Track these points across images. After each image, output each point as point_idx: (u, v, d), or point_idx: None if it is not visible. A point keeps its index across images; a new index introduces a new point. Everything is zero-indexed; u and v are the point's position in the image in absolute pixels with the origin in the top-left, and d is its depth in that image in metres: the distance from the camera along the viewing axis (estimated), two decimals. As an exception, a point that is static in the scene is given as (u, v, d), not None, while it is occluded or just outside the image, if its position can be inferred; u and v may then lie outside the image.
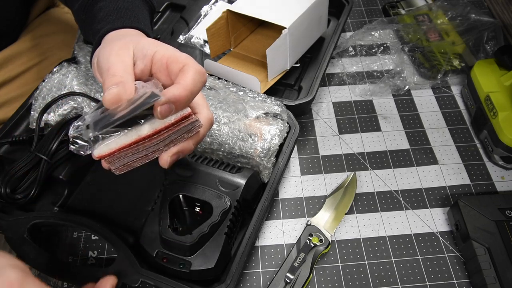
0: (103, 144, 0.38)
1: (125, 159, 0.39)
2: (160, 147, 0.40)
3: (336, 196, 0.57)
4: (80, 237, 0.55)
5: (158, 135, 0.39)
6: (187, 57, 0.40)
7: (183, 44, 0.72)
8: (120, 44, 0.42)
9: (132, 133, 0.39)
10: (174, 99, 0.37)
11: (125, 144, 0.38)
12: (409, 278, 0.51)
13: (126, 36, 0.46)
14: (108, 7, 0.50)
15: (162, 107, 0.37)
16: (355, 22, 0.81)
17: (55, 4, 0.87)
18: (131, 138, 0.38)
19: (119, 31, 0.47)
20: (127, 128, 0.39)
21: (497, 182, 0.59)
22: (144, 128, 0.39)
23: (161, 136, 0.39)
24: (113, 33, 0.47)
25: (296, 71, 0.67)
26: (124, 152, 0.39)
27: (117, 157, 0.39)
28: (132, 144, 0.38)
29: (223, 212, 0.46)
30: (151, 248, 0.45)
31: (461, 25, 0.74)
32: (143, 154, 0.40)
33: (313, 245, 0.52)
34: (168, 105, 0.37)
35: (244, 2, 0.63)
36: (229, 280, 0.44)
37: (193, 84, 0.38)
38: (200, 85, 0.40)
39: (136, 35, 0.47)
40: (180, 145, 0.41)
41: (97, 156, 0.38)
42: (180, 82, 0.38)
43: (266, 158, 0.52)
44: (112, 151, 0.38)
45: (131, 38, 0.44)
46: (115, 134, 0.38)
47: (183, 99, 0.38)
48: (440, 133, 0.64)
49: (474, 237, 0.50)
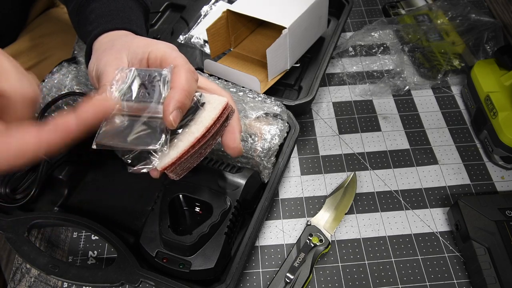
0: (162, 155, 0.39)
1: (185, 164, 0.40)
2: (210, 142, 0.41)
3: (336, 196, 0.57)
4: (80, 237, 0.55)
5: (209, 132, 0.40)
6: (175, 58, 0.41)
7: (183, 44, 0.72)
8: (114, 54, 0.43)
9: (186, 137, 0.39)
10: (179, 104, 0.38)
11: (185, 150, 0.39)
12: (409, 278, 0.51)
13: (117, 40, 0.46)
14: (100, 9, 0.50)
15: (173, 115, 0.38)
16: (355, 22, 0.81)
17: (55, 4, 0.87)
18: (187, 141, 0.39)
19: (110, 34, 0.47)
20: (177, 135, 0.40)
21: (497, 182, 0.59)
22: (194, 129, 0.40)
23: (212, 131, 0.40)
24: (104, 36, 0.47)
25: (296, 71, 0.67)
26: (185, 157, 0.39)
27: (179, 164, 0.39)
28: (190, 147, 0.39)
29: (223, 212, 0.46)
30: (151, 248, 0.45)
31: (461, 25, 0.74)
32: (198, 153, 0.41)
33: (313, 245, 0.52)
34: (176, 111, 0.38)
35: (244, 2, 0.63)
36: (229, 280, 0.44)
37: (188, 84, 0.39)
38: (194, 83, 0.40)
39: (126, 36, 0.47)
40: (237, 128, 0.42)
41: (162, 168, 0.39)
42: (175, 85, 0.39)
43: (266, 158, 0.52)
44: (175, 160, 0.39)
45: (123, 44, 0.44)
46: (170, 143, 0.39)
47: (184, 99, 0.39)
48: (440, 133, 0.64)
49: (474, 237, 0.50)
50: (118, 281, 0.44)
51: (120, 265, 0.45)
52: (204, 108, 0.41)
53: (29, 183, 0.50)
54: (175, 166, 0.39)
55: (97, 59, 0.44)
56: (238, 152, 0.43)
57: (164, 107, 0.38)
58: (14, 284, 0.52)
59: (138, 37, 0.46)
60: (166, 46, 0.42)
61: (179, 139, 0.39)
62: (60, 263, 0.45)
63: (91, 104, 0.35)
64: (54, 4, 0.86)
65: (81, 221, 0.49)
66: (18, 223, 0.48)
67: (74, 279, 0.44)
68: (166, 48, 0.42)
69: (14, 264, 0.54)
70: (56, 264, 0.45)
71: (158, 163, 0.39)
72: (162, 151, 0.39)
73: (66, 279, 0.44)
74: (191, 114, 0.40)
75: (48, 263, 0.45)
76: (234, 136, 0.42)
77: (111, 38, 0.47)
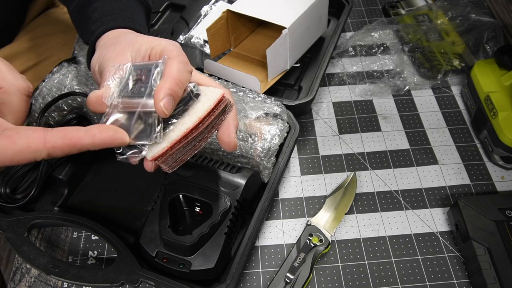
0: (153, 145, 0.39)
1: (178, 155, 0.40)
2: (204, 135, 0.40)
3: (336, 196, 0.57)
4: (80, 237, 0.55)
5: (202, 123, 0.39)
6: (171, 50, 0.41)
7: (183, 44, 0.72)
8: (118, 50, 0.43)
9: (178, 127, 0.39)
10: (170, 91, 0.38)
11: (176, 139, 0.38)
12: (409, 278, 0.51)
13: (121, 37, 0.46)
14: (103, 8, 0.50)
15: (163, 102, 0.37)
16: (355, 22, 0.81)
17: (54, 4, 0.87)
18: (179, 131, 0.39)
19: (113, 32, 0.48)
20: (170, 125, 0.39)
21: (497, 182, 0.59)
22: (188, 119, 0.39)
23: (206, 123, 0.40)
24: (107, 35, 0.47)
25: (296, 71, 0.67)
26: (177, 147, 0.39)
27: (170, 154, 0.39)
28: (182, 138, 0.39)
29: (223, 212, 0.46)
30: (151, 248, 0.45)
31: (461, 25, 0.74)
32: (192, 145, 0.40)
33: (313, 245, 0.52)
34: (167, 98, 0.38)
35: (244, 2, 0.63)
36: (229, 280, 0.44)
37: (178, 73, 0.39)
38: (186, 73, 0.40)
39: (131, 34, 0.47)
40: (232, 123, 0.42)
41: (152, 158, 0.38)
42: (166, 74, 0.39)
43: (266, 158, 0.52)
44: (166, 149, 0.38)
45: (127, 41, 0.44)
46: (162, 133, 0.39)
47: (175, 87, 0.38)
48: (440, 133, 0.64)
49: (474, 237, 0.50)
50: (118, 281, 0.44)
51: (120, 265, 0.45)
52: (199, 99, 0.41)
53: (29, 183, 0.50)
54: (166, 156, 0.39)
55: (101, 54, 0.44)
56: (233, 147, 0.42)
57: (155, 95, 0.38)
58: (14, 284, 0.52)
59: (141, 35, 0.46)
60: (168, 42, 0.43)
61: (171, 130, 0.39)
62: (60, 263, 0.45)
63: (105, 130, 0.37)
64: (53, 4, 0.86)
65: (81, 221, 0.49)
66: (18, 223, 0.48)
67: (74, 279, 0.44)
68: (166, 43, 0.42)
69: (14, 264, 0.54)
70: (56, 264, 0.45)
71: (148, 152, 0.38)
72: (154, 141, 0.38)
73: (66, 279, 0.44)
74: (184, 104, 0.40)
75: (48, 263, 0.45)
76: (229, 130, 0.42)
77: (116, 35, 0.47)
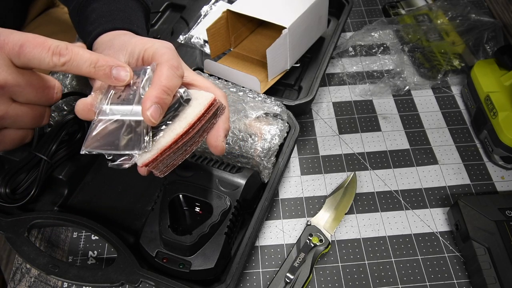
0: (144, 151, 0.38)
1: (168, 160, 0.40)
2: (195, 139, 0.40)
3: (336, 196, 0.57)
4: (80, 237, 0.55)
5: (192, 128, 0.39)
6: (162, 54, 0.41)
7: (183, 44, 0.72)
8: (112, 54, 0.43)
9: (168, 133, 0.39)
10: (157, 99, 0.38)
11: (166, 146, 0.38)
12: (409, 278, 0.51)
13: (116, 39, 0.46)
14: (101, 9, 0.50)
15: (151, 111, 0.37)
16: (355, 22, 0.81)
17: (54, 4, 0.87)
18: (169, 138, 0.39)
19: (108, 34, 0.48)
20: (160, 131, 0.39)
21: (497, 182, 0.59)
22: (177, 125, 0.39)
23: (196, 128, 0.40)
24: (104, 36, 0.48)
25: (296, 71, 0.67)
26: (167, 153, 0.39)
27: (160, 160, 0.39)
28: (172, 144, 0.39)
29: (223, 212, 0.46)
30: (151, 248, 0.45)
31: (461, 25, 0.74)
32: (183, 150, 0.40)
33: (313, 245, 0.52)
34: (154, 106, 0.37)
35: (244, 2, 0.63)
36: (229, 280, 0.44)
37: (167, 80, 0.39)
38: (176, 79, 0.40)
39: (125, 35, 0.47)
40: (222, 126, 0.42)
41: (142, 164, 0.38)
42: (154, 82, 0.39)
43: (266, 158, 0.52)
44: (155, 156, 0.38)
45: (121, 43, 0.44)
46: (152, 139, 0.39)
47: (162, 95, 0.38)
48: (440, 133, 0.64)
49: (474, 237, 0.50)
50: (118, 281, 0.44)
51: (120, 265, 0.45)
52: (190, 104, 0.40)
53: (29, 183, 0.50)
54: (157, 162, 0.39)
55: None
56: (220, 150, 0.42)
57: (142, 103, 0.38)
58: (14, 284, 0.52)
59: (136, 36, 0.46)
60: (161, 44, 0.42)
61: (161, 136, 0.39)
62: (60, 263, 0.45)
63: None
64: (54, 4, 0.86)
65: (81, 221, 0.49)
66: (18, 223, 0.48)
67: (74, 279, 0.44)
68: (159, 45, 0.42)
69: (14, 264, 0.54)
70: (56, 264, 0.45)
71: (139, 158, 0.38)
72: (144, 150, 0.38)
73: (66, 279, 0.44)
74: (174, 110, 0.40)
75: (48, 263, 0.45)
76: (217, 134, 0.41)
77: (111, 38, 0.47)
